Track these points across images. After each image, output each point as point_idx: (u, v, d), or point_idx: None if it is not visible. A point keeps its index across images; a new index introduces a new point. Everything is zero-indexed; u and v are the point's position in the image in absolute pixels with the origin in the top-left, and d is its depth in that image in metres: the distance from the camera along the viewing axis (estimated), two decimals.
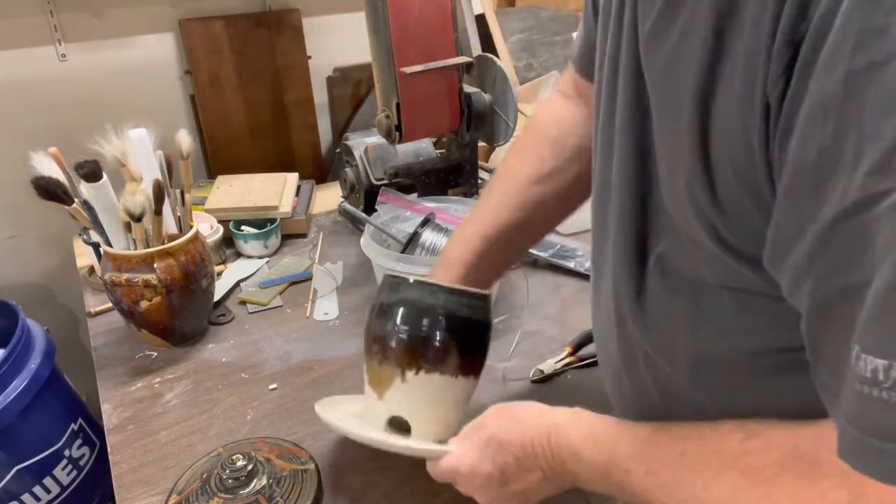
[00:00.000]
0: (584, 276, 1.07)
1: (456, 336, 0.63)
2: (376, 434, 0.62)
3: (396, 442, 0.61)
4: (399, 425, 0.65)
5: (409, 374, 0.63)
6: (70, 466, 1.15)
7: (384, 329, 0.65)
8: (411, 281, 0.64)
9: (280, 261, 1.18)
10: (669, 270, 0.45)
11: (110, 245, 0.89)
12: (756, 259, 0.36)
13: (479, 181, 1.30)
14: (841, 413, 0.32)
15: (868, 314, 0.29)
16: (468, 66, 1.17)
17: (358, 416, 0.68)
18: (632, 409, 0.55)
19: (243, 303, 1.06)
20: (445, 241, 0.95)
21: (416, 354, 0.63)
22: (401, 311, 0.63)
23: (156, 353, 0.95)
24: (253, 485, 0.67)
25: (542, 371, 0.87)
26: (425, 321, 0.62)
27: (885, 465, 0.30)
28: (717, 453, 0.41)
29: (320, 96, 1.63)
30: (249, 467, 0.67)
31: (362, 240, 0.96)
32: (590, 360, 0.88)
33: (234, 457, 0.68)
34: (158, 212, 0.88)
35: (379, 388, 0.66)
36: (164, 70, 1.47)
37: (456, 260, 0.70)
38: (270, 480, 0.68)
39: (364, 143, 1.26)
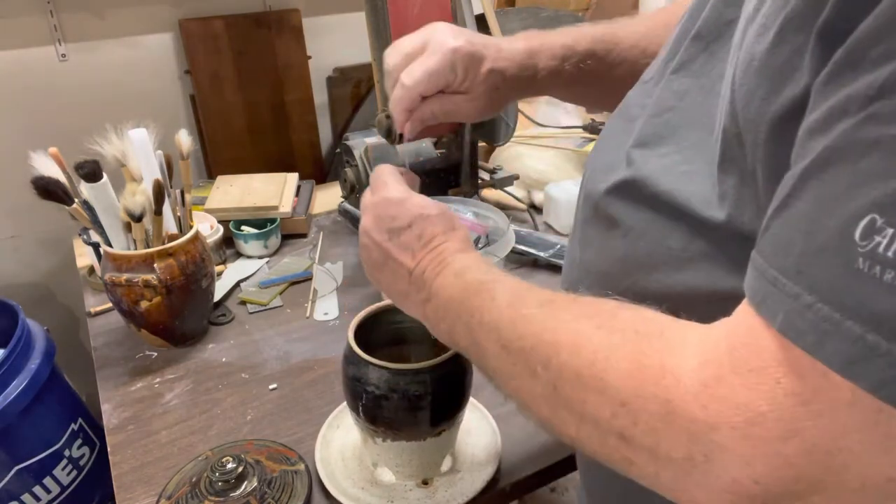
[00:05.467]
0: None
1: (414, 412, 0.62)
2: None
3: None
4: None
5: (378, 439, 0.66)
6: (70, 466, 1.15)
7: (348, 399, 0.67)
8: (364, 358, 0.63)
9: (280, 261, 1.18)
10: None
11: (110, 245, 0.89)
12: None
13: (479, 181, 1.30)
14: (804, 285, 0.28)
15: None
16: None
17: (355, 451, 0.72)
18: None
19: (243, 303, 1.06)
20: None
21: (380, 428, 0.65)
22: (360, 389, 0.63)
23: (156, 353, 0.95)
24: (243, 487, 0.67)
25: None
26: (384, 403, 0.62)
27: (843, 351, 0.26)
28: (593, 306, 0.40)
29: (320, 96, 1.63)
30: (239, 469, 0.67)
31: None
32: None
33: (223, 459, 0.67)
34: (158, 212, 0.88)
35: (362, 436, 0.68)
36: (164, 70, 1.47)
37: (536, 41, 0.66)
38: (261, 482, 0.68)
39: (364, 143, 1.26)
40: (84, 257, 1.17)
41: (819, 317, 0.27)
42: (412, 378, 0.61)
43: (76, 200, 0.87)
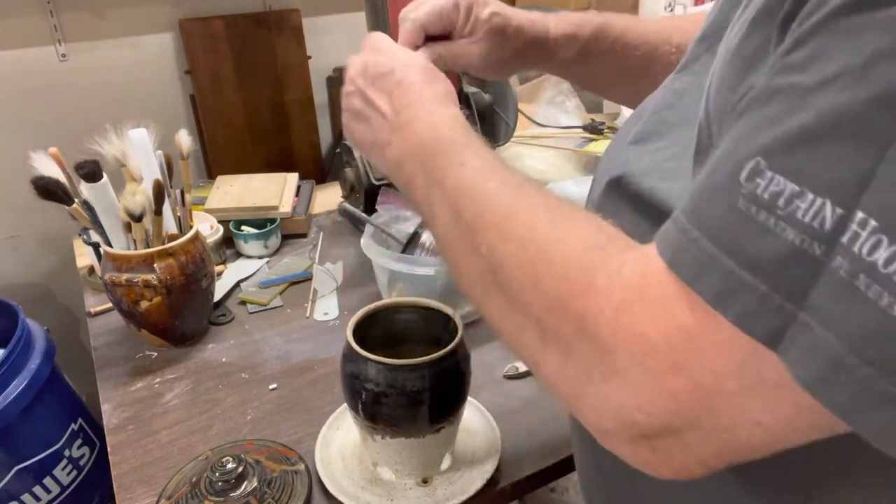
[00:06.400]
0: None
1: (413, 408, 0.62)
2: None
3: None
4: None
5: (377, 437, 0.66)
6: (70, 466, 1.15)
7: (346, 397, 0.67)
8: (363, 355, 0.63)
9: (280, 261, 1.18)
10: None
11: (110, 245, 0.89)
12: None
13: None
14: (693, 222, 0.29)
15: (801, 130, 0.25)
16: None
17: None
18: None
19: (243, 303, 1.06)
20: None
21: (379, 426, 0.65)
22: (359, 387, 0.63)
23: (156, 353, 0.95)
24: (243, 487, 0.67)
25: (516, 368, 0.87)
26: (383, 399, 0.62)
27: (715, 283, 0.27)
28: (555, 202, 0.40)
29: (320, 96, 1.63)
30: (239, 469, 0.67)
31: (362, 240, 0.96)
32: None
33: (223, 459, 0.67)
34: (158, 212, 0.88)
35: (361, 434, 0.69)
36: (164, 70, 1.47)
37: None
38: (261, 482, 0.68)
39: None
40: (84, 257, 1.17)
41: (700, 250, 0.28)
42: (410, 374, 0.61)
43: (76, 200, 0.87)
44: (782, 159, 0.26)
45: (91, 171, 0.84)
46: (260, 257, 1.19)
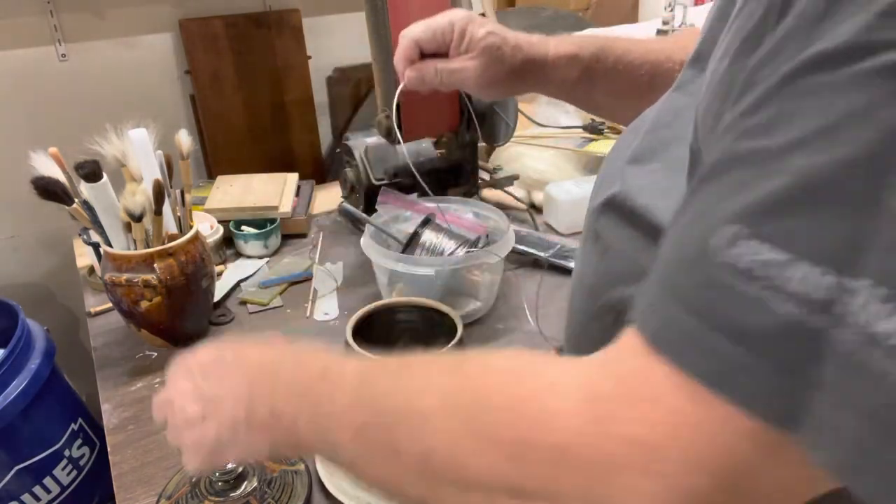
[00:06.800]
0: None
1: None
2: None
3: None
4: None
5: None
6: (70, 466, 1.15)
7: None
8: (361, 354, 0.63)
9: (280, 261, 1.18)
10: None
11: (110, 245, 0.89)
12: None
13: (479, 181, 1.30)
14: (671, 296, 0.27)
15: (777, 195, 0.24)
16: None
17: None
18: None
19: (244, 303, 1.06)
20: (445, 241, 0.95)
21: None
22: None
23: (156, 353, 0.94)
24: (243, 487, 0.67)
25: None
26: None
27: (704, 358, 0.25)
28: (454, 360, 0.38)
29: (320, 96, 1.63)
30: (239, 469, 0.67)
31: (362, 240, 0.96)
32: None
33: None
34: (158, 212, 0.88)
35: None
36: (164, 70, 1.47)
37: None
38: (261, 482, 0.68)
39: (364, 143, 1.26)
40: (84, 257, 1.17)
41: (684, 327, 0.26)
42: None
43: (76, 200, 0.87)
44: (760, 227, 0.24)
45: (91, 171, 0.84)
46: (260, 257, 1.19)
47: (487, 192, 1.32)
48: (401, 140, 0.96)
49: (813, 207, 0.23)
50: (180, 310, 0.91)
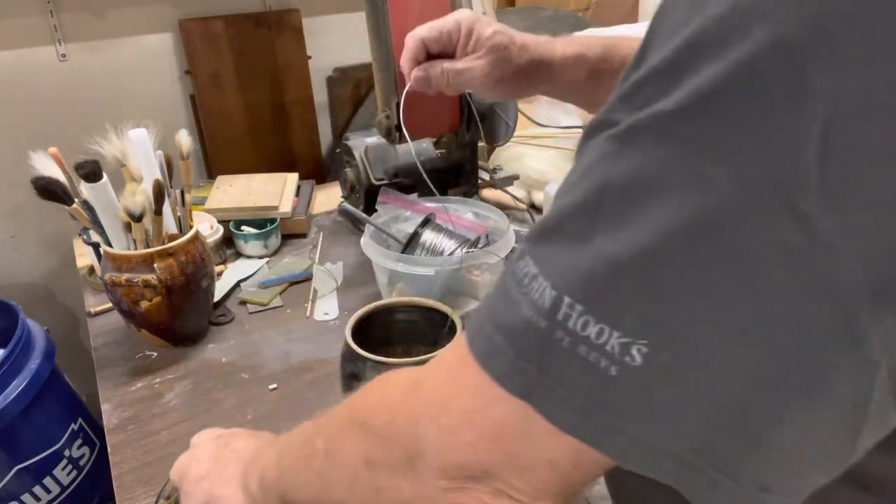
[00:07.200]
0: None
1: None
2: None
3: None
4: None
5: None
6: (70, 466, 1.15)
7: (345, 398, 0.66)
8: (361, 355, 0.63)
9: (280, 261, 1.18)
10: None
11: (110, 245, 0.89)
12: None
13: (479, 181, 1.30)
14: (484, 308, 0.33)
15: (546, 222, 0.31)
16: None
17: None
18: None
19: (243, 303, 1.06)
20: (445, 241, 0.95)
21: None
22: (358, 387, 0.63)
23: (156, 353, 0.95)
24: None
25: None
26: None
27: (481, 347, 0.32)
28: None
29: (320, 96, 1.63)
30: None
31: (362, 240, 0.96)
32: None
33: None
34: (158, 212, 0.88)
35: None
36: (164, 70, 1.47)
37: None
38: None
39: (364, 143, 1.26)
40: (84, 257, 1.17)
41: (479, 320, 0.33)
42: None
43: (76, 200, 0.87)
44: (533, 247, 0.30)
45: (91, 171, 0.84)
46: (260, 257, 1.19)
47: (487, 192, 1.32)
48: (409, 139, 0.96)
49: (557, 236, 0.29)
50: (180, 310, 0.91)
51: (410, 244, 0.96)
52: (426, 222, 0.98)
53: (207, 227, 1.15)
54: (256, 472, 0.48)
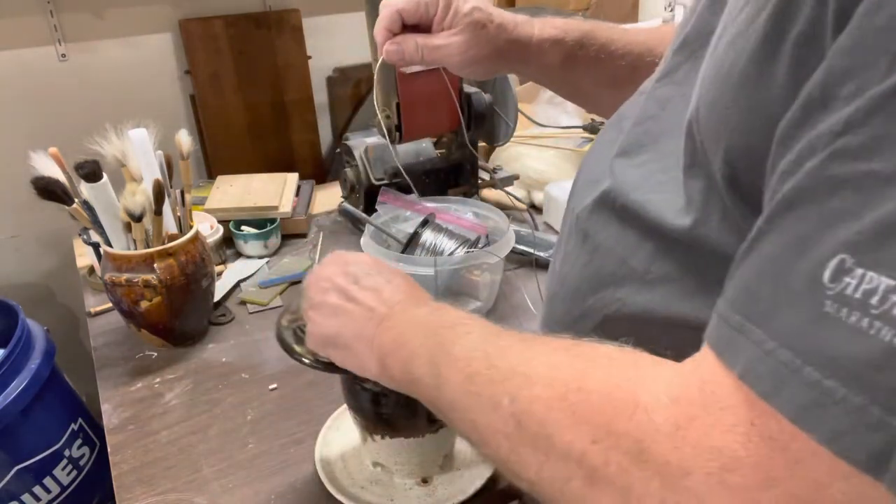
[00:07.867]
0: None
1: (412, 407, 0.61)
2: None
3: None
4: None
5: (377, 437, 0.66)
6: (70, 466, 1.15)
7: (346, 398, 0.67)
8: None
9: (280, 261, 1.18)
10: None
11: (110, 245, 0.89)
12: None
13: (479, 181, 1.30)
14: (769, 330, 0.27)
15: (885, 220, 0.23)
16: None
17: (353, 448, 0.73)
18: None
19: (243, 303, 1.06)
20: (445, 241, 0.95)
21: (378, 426, 0.65)
22: (358, 387, 0.63)
23: (156, 353, 0.94)
24: None
25: None
26: (382, 399, 0.62)
27: (797, 397, 0.25)
28: (570, 341, 0.39)
29: (320, 96, 1.63)
30: None
31: (362, 240, 0.96)
32: None
33: None
34: (158, 212, 0.88)
35: (361, 434, 0.69)
36: (164, 70, 1.47)
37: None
38: None
39: (364, 143, 1.26)
40: (84, 257, 1.17)
41: (779, 362, 0.25)
42: None
43: (76, 200, 0.87)
44: (873, 254, 0.23)
45: (91, 171, 0.84)
46: (260, 257, 1.19)
47: (487, 192, 1.32)
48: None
49: None
50: (180, 310, 0.91)
51: (410, 244, 0.96)
52: (426, 222, 0.98)
53: (207, 227, 1.15)
54: (400, 360, 0.47)
